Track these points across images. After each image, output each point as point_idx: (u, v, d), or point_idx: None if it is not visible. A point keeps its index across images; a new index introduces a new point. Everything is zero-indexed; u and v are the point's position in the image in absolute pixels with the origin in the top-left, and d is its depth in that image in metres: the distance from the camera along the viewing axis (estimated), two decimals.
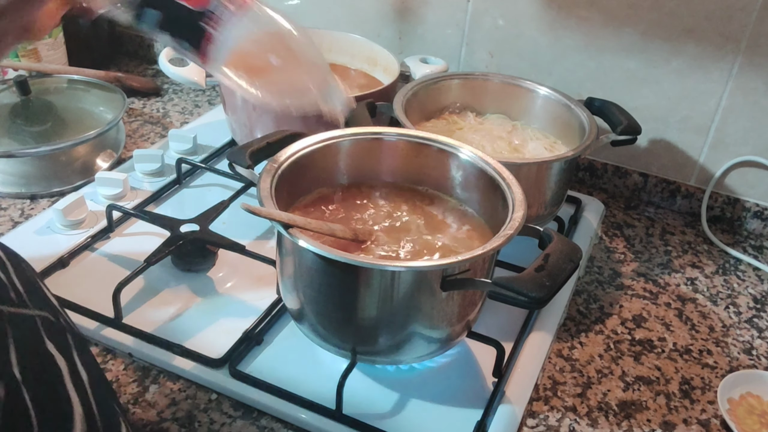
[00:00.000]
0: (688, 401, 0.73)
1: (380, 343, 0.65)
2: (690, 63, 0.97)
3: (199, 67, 0.97)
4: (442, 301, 0.62)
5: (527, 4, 1.03)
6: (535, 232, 0.65)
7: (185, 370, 0.69)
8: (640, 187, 1.07)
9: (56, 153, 0.97)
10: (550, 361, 0.76)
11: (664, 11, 0.95)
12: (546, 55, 1.05)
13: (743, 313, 0.87)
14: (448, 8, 1.08)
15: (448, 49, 1.11)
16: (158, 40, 1.06)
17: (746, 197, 1.02)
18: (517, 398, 0.69)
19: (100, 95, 1.08)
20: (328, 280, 0.63)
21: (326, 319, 0.66)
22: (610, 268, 0.92)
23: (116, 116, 1.02)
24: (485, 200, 0.73)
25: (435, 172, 0.77)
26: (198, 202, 0.92)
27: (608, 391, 0.74)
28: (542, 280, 0.57)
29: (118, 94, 1.06)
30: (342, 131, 0.75)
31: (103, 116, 1.03)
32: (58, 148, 0.96)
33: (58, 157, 0.97)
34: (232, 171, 0.69)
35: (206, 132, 1.07)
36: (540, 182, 0.84)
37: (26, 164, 0.95)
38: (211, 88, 1.24)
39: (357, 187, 0.77)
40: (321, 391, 0.67)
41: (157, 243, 0.80)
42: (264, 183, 0.65)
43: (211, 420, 0.66)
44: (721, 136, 1.00)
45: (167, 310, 0.76)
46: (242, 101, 0.94)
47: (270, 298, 0.77)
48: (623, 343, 0.80)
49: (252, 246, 0.82)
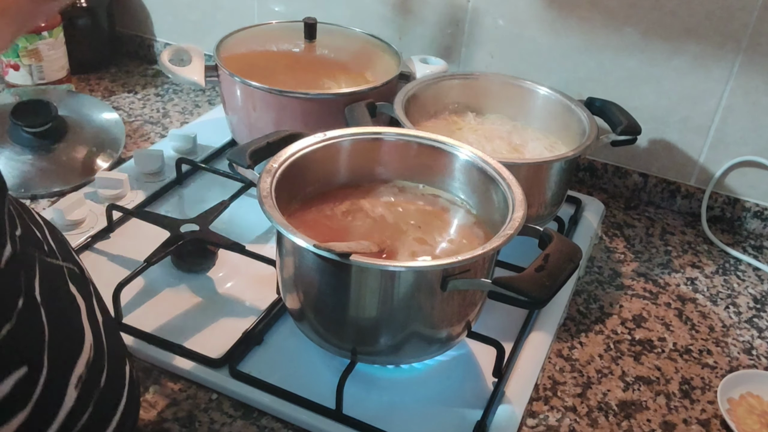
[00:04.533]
0: (688, 401, 0.73)
1: (380, 344, 0.65)
2: (690, 63, 0.97)
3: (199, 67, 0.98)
4: (442, 301, 0.62)
5: (527, 4, 1.03)
6: (535, 232, 0.65)
7: (186, 370, 0.69)
8: (640, 187, 1.07)
9: (56, 153, 0.97)
10: (550, 361, 0.76)
11: (664, 11, 0.95)
12: (546, 55, 1.05)
13: (743, 313, 0.87)
14: (448, 8, 1.08)
15: (448, 49, 1.11)
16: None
17: (746, 197, 1.02)
18: (517, 398, 0.69)
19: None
20: (328, 280, 0.63)
21: (326, 319, 0.66)
22: (610, 268, 0.92)
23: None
24: (485, 200, 0.73)
25: (435, 172, 0.77)
26: (198, 202, 0.92)
27: (608, 391, 0.74)
28: (542, 280, 0.57)
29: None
30: (342, 131, 0.75)
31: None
32: (58, 148, 0.96)
33: (58, 157, 0.97)
34: (232, 171, 0.69)
35: (206, 132, 1.07)
36: (540, 182, 0.84)
37: (26, 164, 0.95)
38: (211, 88, 1.24)
39: (357, 187, 0.77)
40: (321, 391, 0.67)
41: (157, 243, 0.80)
42: (264, 183, 0.65)
43: (212, 420, 0.66)
44: (721, 136, 1.00)
45: (167, 310, 0.76)
46: (242, 101, 0.94)
47: (270, 298, 0.77)
48: (623, 343, 0.80)
49: (252, 246, 0.82)
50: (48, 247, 0.49)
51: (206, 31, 1.25)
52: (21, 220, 0.47)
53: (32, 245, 0.47)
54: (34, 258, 0.45)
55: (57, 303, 0.45)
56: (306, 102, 0.91)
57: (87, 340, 0.47)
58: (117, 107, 1.19)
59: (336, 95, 0.92)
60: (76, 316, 0.47)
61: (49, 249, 0.49)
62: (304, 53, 1.06)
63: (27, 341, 0.41)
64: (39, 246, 0.48)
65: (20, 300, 0.41)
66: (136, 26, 1.35)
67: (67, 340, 0.45)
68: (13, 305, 0.40)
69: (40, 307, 0.43)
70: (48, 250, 0.49)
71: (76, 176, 0.97)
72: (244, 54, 1.01)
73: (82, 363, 0.45)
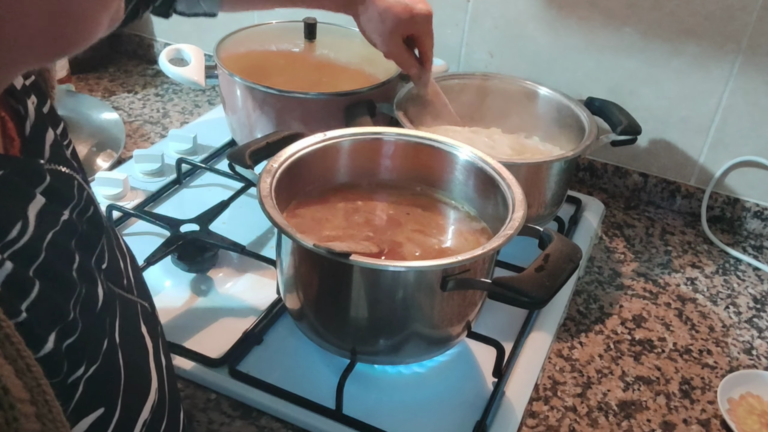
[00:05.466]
0: (688, 401, 0.73)
1: (380, 344, 0.65)
2: (690, 63, 0.97)
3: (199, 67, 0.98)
4: (442, 301, 0.62)
5: (527, 4, 1.03)
6: (535, 232, 0.65)
7: (185, 369, 0.69)
8: (640, 187, 1.07)
9: None
10: (550, 361, 0.76)
11: (664, 11, 0.95)
12: (546, 55, 1.05)
13: (743, 313, 0.87)
14: (448, 8, 1.08)
15: (448, 49, 1.11)
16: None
17: (746, 197, 1.02)
18: (517, 398, 0.69)
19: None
20: (328, 280, 0.63)
21: (326, 319, 0.66)
22: (610, 268, 0.92)
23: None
24: (485, 200, 0.73)
25: (435, 172, 0.77)
26: (198, 202, 0.92)
27: (608, 391, 0.73)
28: (542, 280, 0.57)
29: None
30: (342, 131, 0.75)
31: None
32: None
33: None
34: (232, 171, 0.69)
35: (206, 132, 1.07)
36: (540, 182, 0.84)
37: None
38: (211, 88, 1.24)
39: (356, 187, 0.77)
40: (321, 391, 0.67)
41: (157, 243, 0.80)
42: (264, 183, 0.65)
43: (210, 420, 0.66)
44: (721, 136, 1.00)
45: (167, 310, 0.76)
46: (242, 101, 0.94)
47: (270, 298, 0.77)
48: (623, 343, 0.80)
49: (252, 246, 0.82)
50: (127, 281, 0.49)
51: (206, 31, 1.25)
52: (109, 250, 0.47)
53: (114, 278, 0.47)
54: (116, 296, 0.45)
55: (131, 344, 0.45)
56: (306, 102, 0.91)
57: (153, 384, 0.46)
58: (117, 107, 1.18)
59: (336, 95, 0.92)
60: (145, 358, 0.47)
61: (128, 283, 0.49)
62: (304, 53, 1.06)
63: (107, 383, 0.41)
64: (119, 279, 0.48)
65: (105, 341, 0.41)
66: (136, 26, 1.35)
67: (137, 384, 0.44)
68: (101, 346, 0.40)
69: (119, 349, 0.42)
70: (126, 285, 0.49)
71: None
72: (243, 54, 1.01)
73: (147, 407, 0.45)
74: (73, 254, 0.39)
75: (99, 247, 0.45)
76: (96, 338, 0.40)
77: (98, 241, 0.45)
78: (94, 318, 0.40)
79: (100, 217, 0.46)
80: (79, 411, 0.38)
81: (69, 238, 0.40)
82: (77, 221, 0.42)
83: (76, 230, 0.41)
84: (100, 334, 0.40)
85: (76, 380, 0.37)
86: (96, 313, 0.40)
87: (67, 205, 0.41)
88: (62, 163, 0.43)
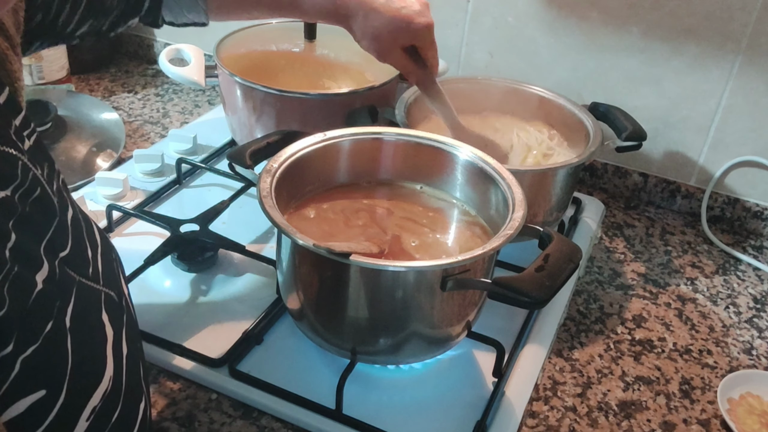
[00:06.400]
0: (688, 401, 0.73)
1: (380, 343, 0.65)
2: (690, 63, 0.97)
3: (199, 67, 0.98)
4: (442, 301, 0.62)
5: (527, 4, 1.03)
6: (535, 232, 0.65)
7: (185, 369, 0.69)
8: (640, 187, 1.07)
9: (56, 153, 0.97)
10: (550, 361, 0.76)
11: (664, 11, 0.95)
12: (546, 55, 1.05)
13: (743, 313, 0.87)
14: (448, 8, 1.08)
15: (448, 49, 1.11)
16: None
17: (746, 197, 1.02)
18: (517, 398, 0.69)
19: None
20: (328, 280, 0.63)
21: (326, 319, 0.66)
22: (610, 268, 0.92)
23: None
24: (485, 200, 0.73)
25: (435, 172, 0.77)
26: (198, 202, 0.92)
27: (608, 391, 0.74)
28: (542, 280, 0.57)
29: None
30: (342, 131, 0.75)
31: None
32: (57, 148, 0.96)
33: (58, 157, 0.97)
34: (232, 171, 0.69)
35: (206, 132, 1.07)
36: (545, 189, 0.83)
37: None
38: (211, 88, 1.24)
39: (356, 187, 0.77)
40: (321, 391, 0.67)
41: (157, 243, 0.80)
42: (264, 183, 0.65)
43: (211, 420, 0.66)
44: (721, 136, 1.00)
45: (167, 309, 0.76)
46: (242, 101, 0.94)
47: (270, 298, 0.77)
48: (623, 343, 0.80)
49: (252, 246, 0.82)
50: (93, 270, 0.49)
51: (206, 31, 1.25)
52: (74, 237, 0.47)
53: (76, 265, 0.47)
54: (73, 282, 0.45)
55: (85, 330, 0.45)
56: (306, 102, 0.91)
57: (107, 372, 0.46)
58: (117, 107, 1.19)
59: (336, 95, 0.92)
60: (101, 345, 0.46)
61: (93, 272, 0.49)
62: (304, 53, 1.06)
63: (49, 365, 0.41)
64: (83, 267, 0.48)
65: (49, 324, 0.41)
66: (136, 26, 1.35)
67: (88, 369, 0.44)
68: (42, 328, 0.40)
69: (68, 333, 0.42)
70: (92, 273, 0.49)
71: (76, 176, 0.97)
72: (244, 54, 1.01)
73: (98, 394, 0.44)
74: (8, 233, 0.40)
75: (50, 232, 0.44)
76: (33, 319, 0.40)
77: (48, 225, 0.45)
78: (31, 299, 0.40)
79: (50, 200, 0.46)
80: (16, 391, 0.38)
81: (6, 217, 0.40)
82: (18, 202, 0.42)
83: (16, 210, 0.41)
84: (40, 316, 0.41)
85: (8, 358, 0.37)
86: (34, 295, 0.40)
87: (8, 185, 0.41)
88: (7, 144, 0.43)
